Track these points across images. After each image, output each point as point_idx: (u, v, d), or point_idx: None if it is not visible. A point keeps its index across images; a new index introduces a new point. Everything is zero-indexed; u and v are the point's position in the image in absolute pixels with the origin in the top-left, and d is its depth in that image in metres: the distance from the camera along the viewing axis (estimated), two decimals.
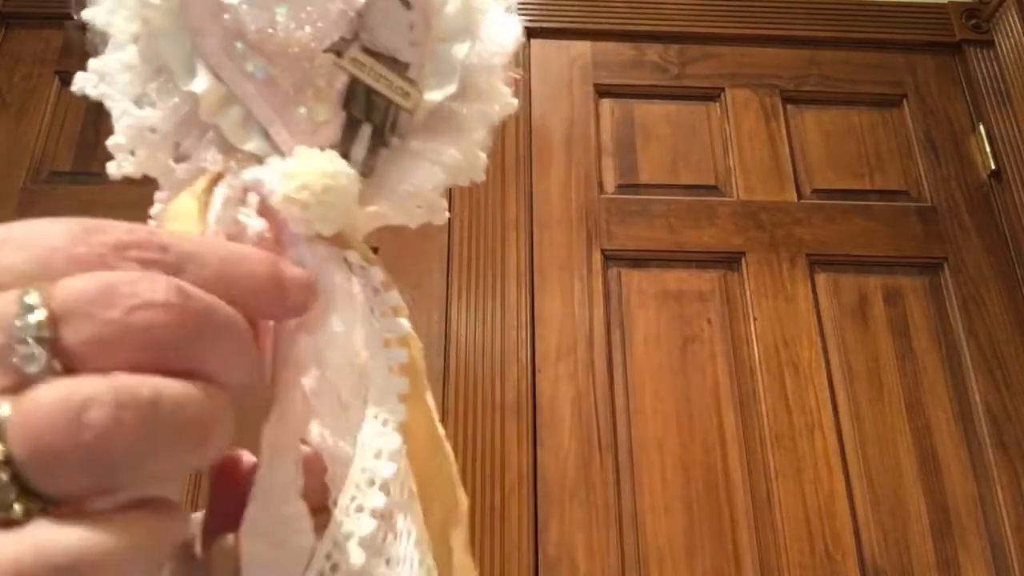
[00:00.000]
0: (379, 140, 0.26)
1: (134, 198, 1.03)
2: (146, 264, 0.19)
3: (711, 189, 1.21)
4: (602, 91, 1.27)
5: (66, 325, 0.16)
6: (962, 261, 1.18)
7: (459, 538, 0.25)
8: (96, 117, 1.21)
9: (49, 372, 0.16)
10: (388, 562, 0.22)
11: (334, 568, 0.21)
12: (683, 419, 1.06)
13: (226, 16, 0.24)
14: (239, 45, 0.24)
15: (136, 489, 0.17)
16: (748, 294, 1.13)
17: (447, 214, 0.28)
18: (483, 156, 0.28)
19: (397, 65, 0.25)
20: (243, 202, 0.24)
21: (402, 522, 0.22)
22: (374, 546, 0.22)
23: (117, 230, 0.20)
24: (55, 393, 0.15)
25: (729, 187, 1.22)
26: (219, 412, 0.17)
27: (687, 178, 1.22)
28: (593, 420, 1.05)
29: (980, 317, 1.14)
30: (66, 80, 1.24)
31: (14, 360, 0.16)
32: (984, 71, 1.29)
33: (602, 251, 1.15)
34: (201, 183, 0.25)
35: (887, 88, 1.30)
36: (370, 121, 0.25)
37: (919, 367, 1.11)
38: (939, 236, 1.19)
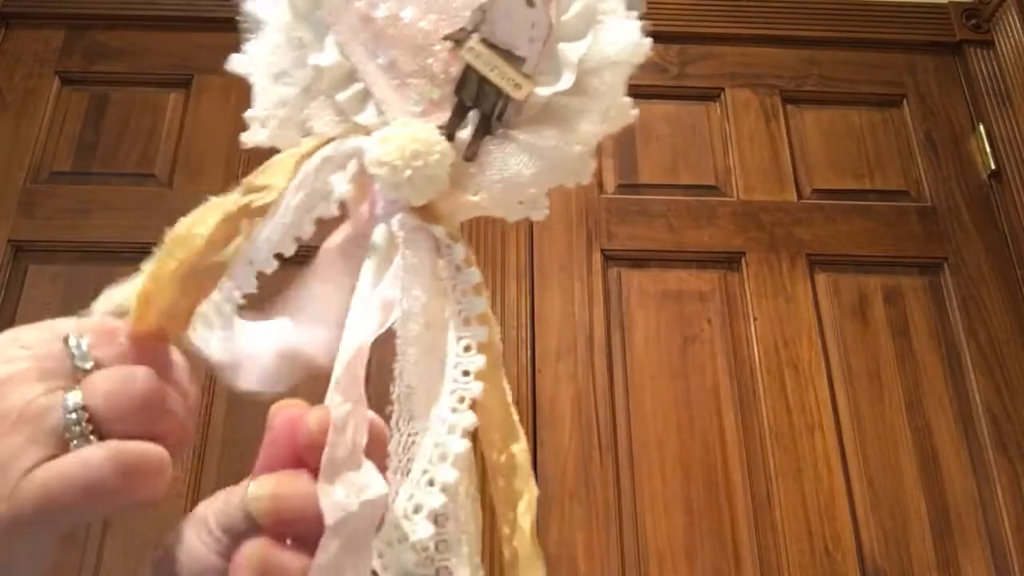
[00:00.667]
0: (485, 127, 0.27)
1: (133, 198, 1.03)
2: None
3: (711, 189, 1.21)
4: None
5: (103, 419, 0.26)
6: (962, 261, 1.18)
7: (527, 523, 0.25)
8: (96, 117, 1.21)
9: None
10: (447, 543, 0.23)
11: (401, 539, 0.21)
12: (683, 419, 1.06)
13: (358, 3, 0.27)
14: (369, 27, 0.27)
15: None
16: (748, 294, 1.13)
17: (547, 211, 0.28)
18: (589, 156, 0.28)
19: (513, 59, 0.27)
20: (342, 167, 0.26)
21: (465, 505, 0.23)
22: (440, 521, 0.22)
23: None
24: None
25: (729, 187, 1.22)
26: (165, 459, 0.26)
27: (687, 178, 1.22)
28: (593, 420, 1.05)
29: (980, 317, 1.14)
30: (66, 80, 1.24)
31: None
32: (984, 71, 1.29)
33: (602, 251, 1.15)
34: (308, 144, 0.27)
35: (887, 88, 1.30)
36: (479, 108, 0.27)
37: (919, 367, 1.11)
38: (939, 236, 1.19)
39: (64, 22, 1.26)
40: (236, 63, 0.31)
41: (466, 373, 0.25)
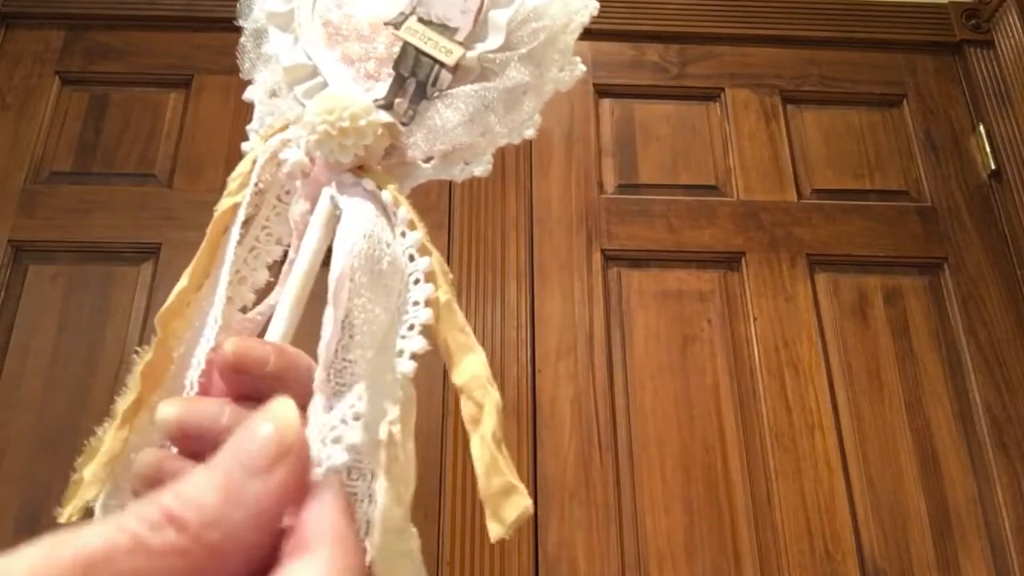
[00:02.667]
0: (421, 93, 0.30)
1: (133, 198, 1.03)
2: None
3: (711, 189, 1.21)
4: (602, 91, 1.27)
5: None
6: (962, 261, 1.18)
7: (488, 431, 0.26)
8: (96, 117, 1.21)
9: None
10: (360, 471, 0.23)
11: (336, 440, 0.22)
12: (683, 419, 1.06)
13: (319, 10, 0.32)
14: (327, 30, 0.31)
15: None
16: (748, 294, 1.13)
17: (490, 165, 0.31)
18: (528, 114, 0.31)
19: (448, 30, 0.30)
20: (297, 144, 0.30)
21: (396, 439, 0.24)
22: (360, 449, 0.23)
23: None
24: None
25: (729, 187, 1.22)
26: None
27: (687, 178, 1.22)
28: (593, 420, 1.05)
29: (980, 317, 1.14)
30: (66, 80, 1.24)
31: None
32: (984, 71, 1.29)
33: (602, 251, 1.15)
34: (266, 131, 0.31)
35: (887, 88, 1.30)
36: (415, 77, 0.30)
37: (919, 367, 1.11)
38: (939, 236, 1.19)
39: (64, 22, 1.26)
40: (247, 93, 0.35)
41: (416, 302, 0.26)
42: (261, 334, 0.27)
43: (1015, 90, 1.24)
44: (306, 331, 0.28)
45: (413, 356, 0.25)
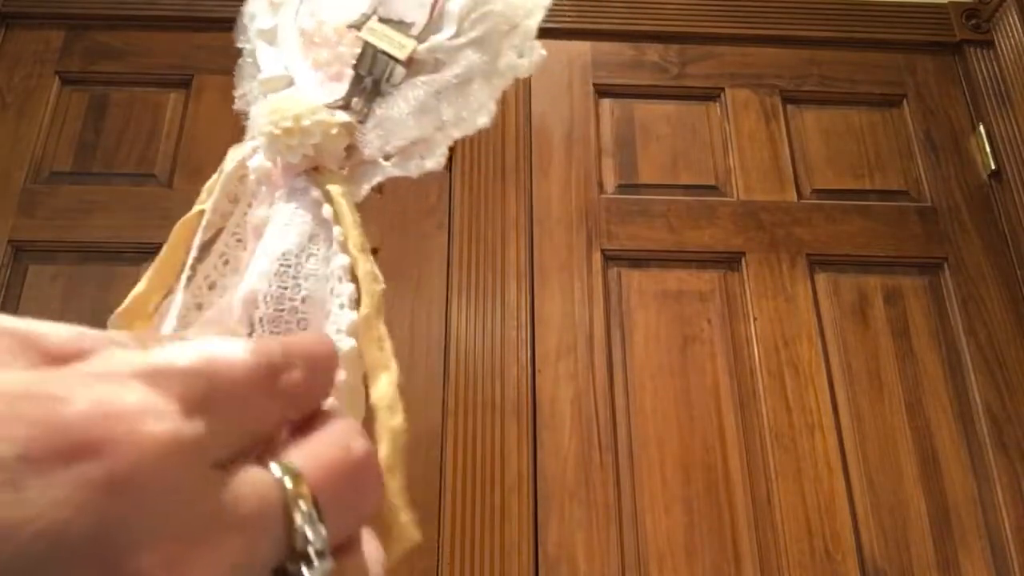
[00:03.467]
0: (376, 90, 0.30)
1: (133, 198, 1.03)
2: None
3: (711, 189, 1.21)
4: (602, 91, 1.27)
5: (327, 515, 0.16)
6: (962, 261, 1.18)
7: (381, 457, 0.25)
8: (96, 117, 1.21)
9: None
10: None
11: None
12: (683, 419, 1.06)
13: (296, 20, 0.32)
14: (303, 38, 0.32)
15: None
16: (748, 294, 1.13)
17: (444, 159, 0.31)
18: (480, 102, 0.31)
19: (403, 26, 0.30)
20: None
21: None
22: None
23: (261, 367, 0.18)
24: None
25: (729, 187, 1.22)
26: None
27: (687, 178, 1.22)
28: (593, 420, 1.05)
29: (980, 317, 1.14)
30: (66, 80, 1.24)
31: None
32: (984, 71, 1.29)
33: (602, 251, 1.15)
34: (247, 138, 0.32)
35: (887, 88, 1.30)
36: (371, 75, 0.30)
37: (919, 367, 1.11)
38: (939, 236, 1.19)
39: (64, 22, 1.26)
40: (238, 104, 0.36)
41: (339, 331, 0.26)
42: None
43: (1015, 90, 1.24)
44: None
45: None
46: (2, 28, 1.26)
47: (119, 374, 0.14)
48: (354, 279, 0.27)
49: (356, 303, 0.26)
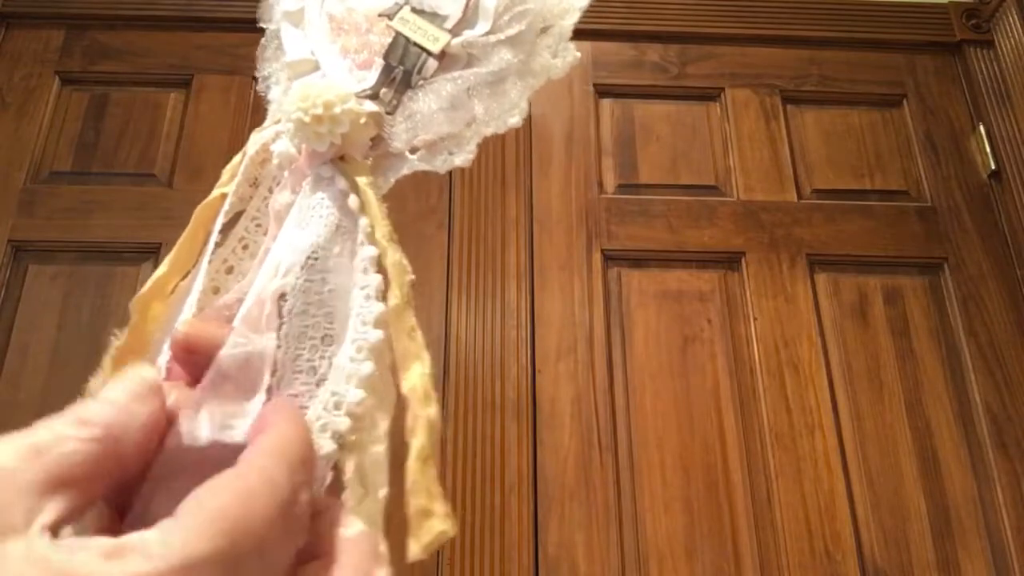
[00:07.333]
0: (406, 81, 0.30)
1: (133, 198, 1.03)
2: None
3: (711, 189, 1.21)
4: (602, 91, 1.27)
5: None
6: (962, 261, 1.18)
7: (416, 448, 0.25)
8: (96, 117, 1.21)
9: None
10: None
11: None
12: (683, 419, 1.06)
13: (325, 6, 0.32)
14: (331, 24, 0.32)
15: None
16: (748, 294, 1.13)
17: (473, 155, 0.31)
18: (513, 101, 0.31)
19: (437, 18, 0.30)
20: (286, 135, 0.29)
21: (362, 451, 0.24)
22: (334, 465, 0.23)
23: None
24: None
25: (729, 187, 1.22)
26: None
27: (687, 178, 1.22)
28: (593, 420, 1.05)
29: (980, 317, 1.14)
30: (66, 80, 1.24)
31: None
32: (984, 71, 1.29)
33: (602, 251, 1.15)
34: (268, 121, 0.31)
35: (887, 88, 1.30)
36: (402, 66, 0.30)
37: (919, 367, 1.11)
38: (939, 236, 1.19)
39: (64, 22, 1.26)
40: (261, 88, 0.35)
41: (365, 321, 0.26)
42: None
43: (1015, 90, 1.24)
44: None
45: (361, 383, 0.24)
46: (2, 28, 1.26)
47: None
48: (380, 270, 0.27)
49: (383, 294, 0.26)
